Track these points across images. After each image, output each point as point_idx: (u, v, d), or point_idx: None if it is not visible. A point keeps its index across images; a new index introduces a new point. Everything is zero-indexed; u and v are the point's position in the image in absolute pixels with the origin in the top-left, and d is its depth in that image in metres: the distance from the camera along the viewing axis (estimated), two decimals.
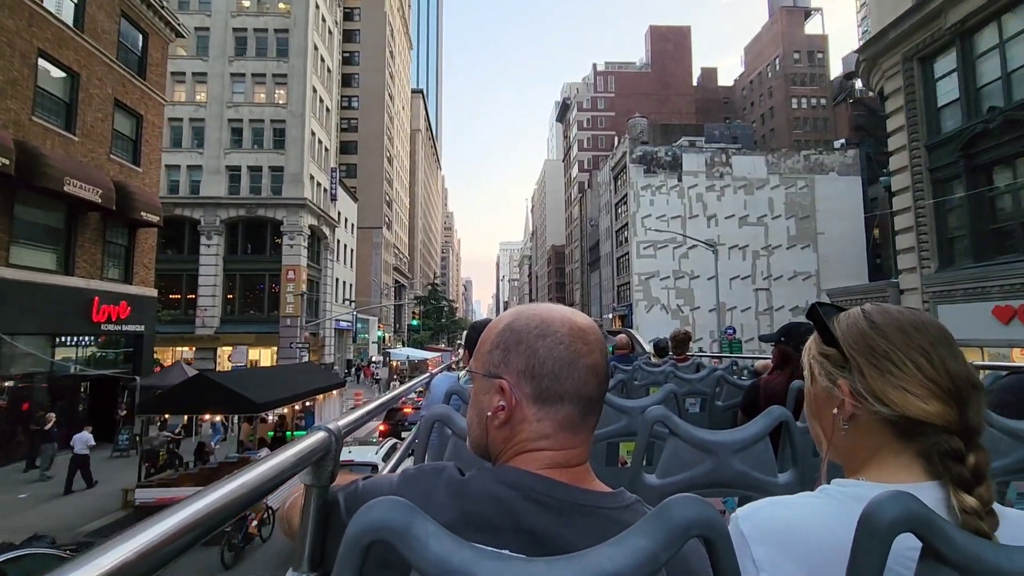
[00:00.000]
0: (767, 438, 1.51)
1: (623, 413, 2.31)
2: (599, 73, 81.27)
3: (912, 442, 0.73)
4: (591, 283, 73.00)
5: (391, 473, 0.84)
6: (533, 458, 0.72)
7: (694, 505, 0.55)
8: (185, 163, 35.18)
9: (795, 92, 69.81)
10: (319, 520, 0.84)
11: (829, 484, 0.76)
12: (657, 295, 50.27)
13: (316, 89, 38.40)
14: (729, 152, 52.13)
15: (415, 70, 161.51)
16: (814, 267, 51.14)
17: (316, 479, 0.85)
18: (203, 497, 0.61)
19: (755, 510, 0.75)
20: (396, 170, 73.85)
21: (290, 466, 0.78)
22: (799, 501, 0.75)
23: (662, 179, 51.29)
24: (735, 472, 1.45)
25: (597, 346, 0.75)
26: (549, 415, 0.72)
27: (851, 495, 0.71)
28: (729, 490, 1.47)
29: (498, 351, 0.76)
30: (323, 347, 40.36)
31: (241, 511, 0.67)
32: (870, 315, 0.79)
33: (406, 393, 3.06)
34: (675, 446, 1.50)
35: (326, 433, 0.91)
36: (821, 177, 52.00)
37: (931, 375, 0.71)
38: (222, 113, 35.58)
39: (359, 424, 1.28)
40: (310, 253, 38.57)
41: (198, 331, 33.93)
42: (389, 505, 0.54)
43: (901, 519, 0.57)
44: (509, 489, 0.68)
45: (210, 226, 34.55)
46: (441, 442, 1.79)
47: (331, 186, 41.77)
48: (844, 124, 66.58)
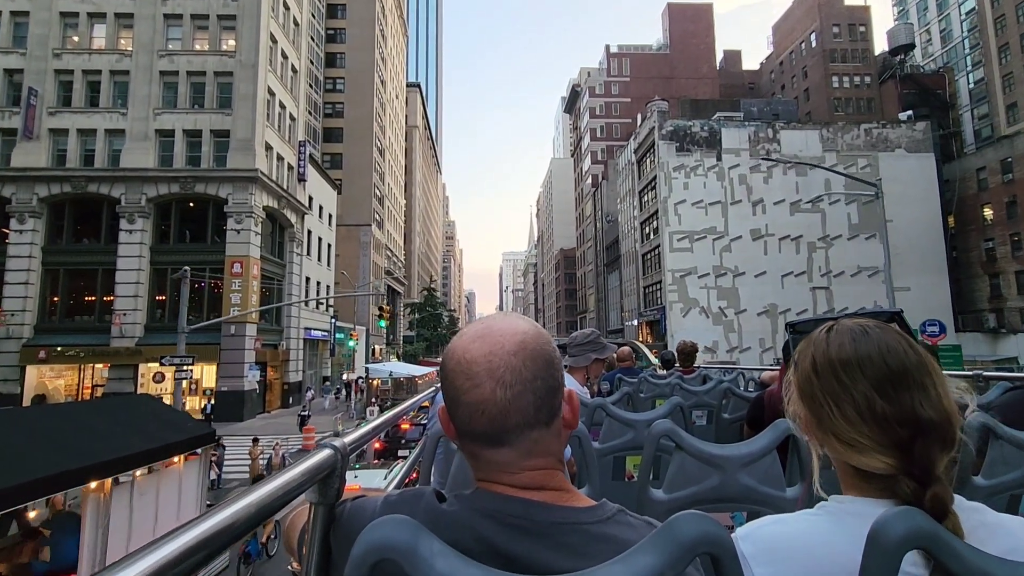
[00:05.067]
0: (775, 452, 1.49)
1: (629, 427, 2.31)
2: (612, 55, 73.74)
3: (872, 480, 0.71)
4: (608, 286, 64.79)
5: (376, 496, 0.80)
6: (499, 486, 0.70)
7: (701, 522, 0.54)
8: (103, 127, 27.44)
9: (835, 70, 62.04)
10: (324, 538, 0.83)
11: (827, 500, 0.75)
12: (695, 296, 41.98)
13: (276, 39, 30.73)
14: (776, 126, 44.14)
15: (414, 73, 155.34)
16: (882, 260, 42.74)
17: (322, 497, 0.84)
18: (211, 517, 0.61)
19: (754, 528, 0.74)
20: (389, 163, 66.24)
21: (297, 484, 0.78)
22: (798, 518, 0.74)
23: (697, 158, 43.29)
24: (742, 487, 1.43)
25: (489, 377, 0.68)
26: (465, 449, 0.73)
27: (849, 511, 0.70)
28: (737, 505, 1.45)
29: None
30: (286, 362, 32.21)
31: (249, 530, 0.67)
32: (816, 352, 0.78)
33: (412, 408, 2.83)
34: (682, 460, 1.49)
35: (332, 451, 0.89)
36: (886, 154, 43.93)
37: (864, 428, 0.70)
38: (152, 64, 27.89)
39: (366, 441, 1.27)
40: (269, 243, 30.62)
41: (114, 343, 25.91)
42: (394, 524, 0.54)
43: (910, 536, 0.56)
44: (484, 517, 0.66)
45: (133, 206, 26.67)
46: (447, 456, 1.77)
47: (299, 164, 33.93)
48: (893, 103, 58.62)
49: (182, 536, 0.55)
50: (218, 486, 14.20)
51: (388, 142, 66.17)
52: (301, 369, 34.34)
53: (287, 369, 32.41)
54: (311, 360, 37.78)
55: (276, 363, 31.32)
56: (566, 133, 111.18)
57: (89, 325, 26.62)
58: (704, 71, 72.65)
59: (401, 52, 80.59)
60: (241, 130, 27.78)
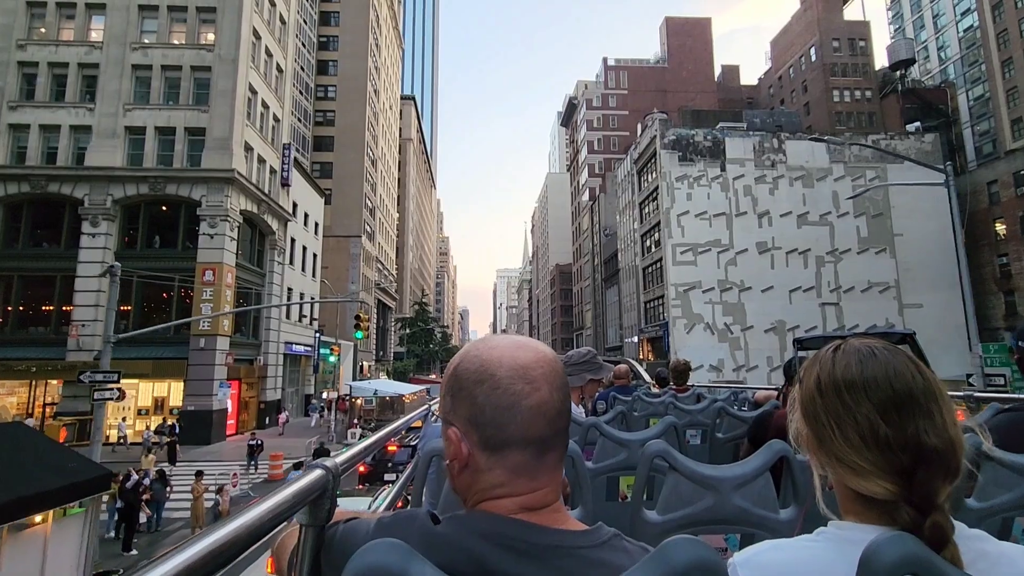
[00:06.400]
0: (768, 473, 1.47)
1: (622, 446, 2.27)
2: (610, 68, 72.87)
3: (872, 505, 0.70)
4: (607, 301, 62.83)
5: (368, 519, 0.79)
6: (499, 504, 0.69)
7: (693, 547, 0.53)
8: (68, 122, 25.39)
9: (836, 83, 61.20)
10: (314, 561, 0.80)
11: (826, 526, 0.74)
12: (699, 311, 40.03)
13: (259, 34, 29.00)
14: (781, 136, 42.76)
15: (409, 87, 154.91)
16: (892, 276, 41.17)
17: (312, 519, 0.82)
18: (202, 539, 0.59)
19: (753, 554, 0.73)
20: (381, 174, 64.48)
21: (288, 506, 0.76)
22: (797, 545, 0.73)
23: (701, 168, 41.73)
24: (735, 508, 1.41)
25: (545, 381, 0.70)
26: (500, 463, 0.69)
27: (849, 538, 0.68)
28: (730, 527, 1.43)
29: (448, 397, 0.74)
30: (263, 379, 29.84)
31: (240, 553, 0.65)
32: (821, 371, 0.76)
33: (405, 425, 2.69)
34: (675, 481, 1.47)
35: (323, 471, 0.86)
36: (895, 166, 42.44)
37: (865, 452, 0.68)
38: (124, 57, 26.00)
39: (359, 460, 1.24)
40: (247, 250, 28.50)
41: (70, 357, 23.55)
42: (385, 548, 0.54)
43: (901, 562, 0.55)
44: (481, 539, 0.65)
45: (97, 208, 24.53)
46: (439, 477, 1.75)
47: (282, 167, 31.97)
48: (895, 117, 57.71)
49: (168, 562, 0.52)
50: (156, 527, 11.87)
51: (381, 153, 64.51)
52: (280, 387, 31.95)
53: (264, 387, 30.02)
54: (292, 377, 35.37)
55: (252, 380, 28.95)
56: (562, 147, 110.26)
57: (44, 337, 24.26)
58: (703, 84, 71.82)
59: (396, 64, 79.48)
60: (218, 128, 25.82)
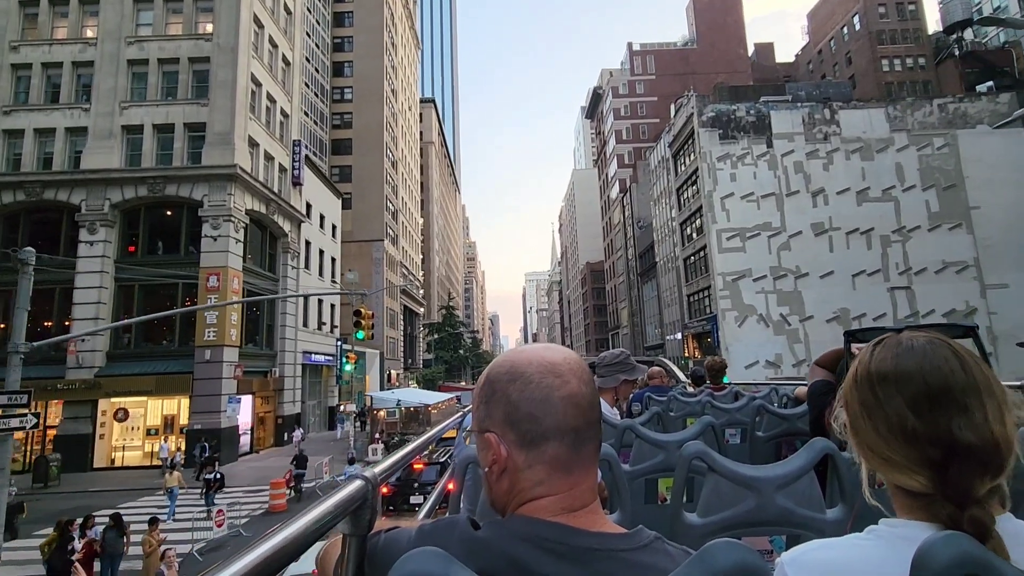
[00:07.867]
0: (812, 472, 1.44)
1: (660, 448, 2.22)
2: (635, 54, 69.43)
3: (917, 500, 0.69)
4: (644, 297, 59.24)
5: (410, 527, 0.81)
6: (538, 506, 0.71)
7: (735, 551, 0.53)
8: (63, 125, 23.79)
9: (884, 52, 56.43)
10: (358, 570, 0.83)
11: (877, 524, 0.73)
12: (751, 302, 36.31)
13: (262, 23, 27.03)
14: (834, 107, 38.75)
15: (429, 90, 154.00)
16: (971, 254, 36.60)
17: (354, 528, 0.85)
18: (251, 552, 0.61)
19: (801, 553, 0.71)
20: (403, 176, 62.53)
21: (330, 517, 0.79)
22: (847, 543, 0.71)
23: (745, 146, 38.08)
24: (779, 509, 1.38)
25: (573, 375, 0.73)
26: (538, 459, 0.71)
27: (900, 535, 0.66)
28: (775, 528, 1.40)
29: (483, 406, 0.76)
30: (279, 391, 27.68)
31: (288, 564, 0.67)
32: (860, 363, 0.76)
33: (445, 431, 2.74)
34: (715, 482, 1.44)
35: (363, 482, 0.90)
36: (966, 132, 38.01)
37: (895, 444, 0.68)
38: (119, 52, 24.30)
39: (398, 469, 1.28)
40: (257, 253, 26.45)
41: (70, 374, 21.76)
42: (426, 556, 0.55)
43: (956, 562, 0.54)
44: (521, 542, 0.66)
45: (95, 213, 22.78)
46: (475, 483, 1.76)
47: (293, 165, 29.94)
48: (954, 84, 52.53)
49: (228, 569, 0.54)
50: None
51: (401, 155, 62.59)
52: (299, 400, 29.80)
53: (281, 400, 27.88)
54: (313, 389, 33.26)
55: (267, 393, 26.83)
56: (588, 143, 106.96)
57: (42, 355, 22.50)
58: (735, 64, 67.69)
59: (414, 64, 77.79)
60: (219, 122, 23.82)
